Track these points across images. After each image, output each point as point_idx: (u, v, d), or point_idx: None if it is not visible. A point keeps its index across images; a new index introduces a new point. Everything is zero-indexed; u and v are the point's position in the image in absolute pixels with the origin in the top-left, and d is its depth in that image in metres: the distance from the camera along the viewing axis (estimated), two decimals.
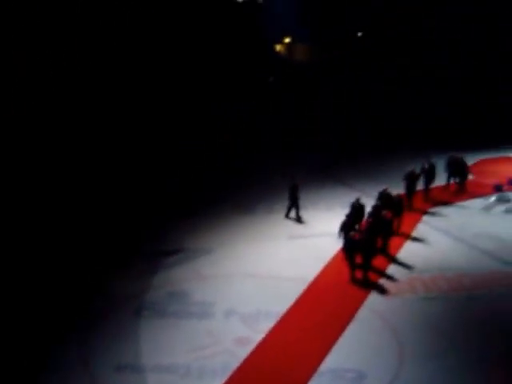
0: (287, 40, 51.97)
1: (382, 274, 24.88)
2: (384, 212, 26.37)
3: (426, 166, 32.00)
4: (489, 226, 29.67)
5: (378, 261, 25.24)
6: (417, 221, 30.02)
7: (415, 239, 28.14)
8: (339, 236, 25.02)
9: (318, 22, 48.81)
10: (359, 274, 23.99)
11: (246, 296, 23.07)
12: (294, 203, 30.07)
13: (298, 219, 29.95)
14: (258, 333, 20.70)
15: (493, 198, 32.83)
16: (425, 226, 29.45)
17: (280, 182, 33.23)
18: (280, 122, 44.45)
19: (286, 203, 30.80)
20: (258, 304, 22.38)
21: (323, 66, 51.09)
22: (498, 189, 33.64)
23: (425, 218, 30.48)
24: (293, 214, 30.10)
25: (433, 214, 30.96)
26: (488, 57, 52.25)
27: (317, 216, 30.16)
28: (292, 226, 29.36)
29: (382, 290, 23.72)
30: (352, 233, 24.50)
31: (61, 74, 42.29)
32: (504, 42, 51.50)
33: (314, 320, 21.66)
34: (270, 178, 34.87)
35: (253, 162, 37.85)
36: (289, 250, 26.84)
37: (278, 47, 52.57)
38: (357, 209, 27.10)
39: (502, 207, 31.90)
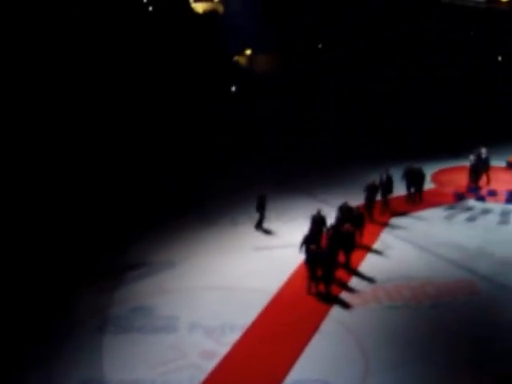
0: (248, 51, 52.07)
1: (346, 284, 24.94)
2: (345, 225, 26.36)
3: (384, 177, 31.92)
4: (451, 234, 29.91)
5: (341, 272, 25.32)
6: (379, 231, 30.08)
7: (378, 249, 28.20)
8: (301, 249, 24.94)
9: (279, 33, 48.93)
10: (322, 288, 23.91)
11: (211, 309, 22.98)
12: (262, 213, 30.01)
13: (263, 230, 29.84)
14: (224, 346, 20.67)
15: (455, 207, 33.07)
16: (388, 236, 29.53)
17: (245, 193, 33.42)
18: (246, 134, 44.33)
19: (250, 215, 30.85)
20: (223, 317, 22.33)
21: (286, 75, 51.18)
22: (459, 197, 33.88)
23: (387, 228, 30.55)
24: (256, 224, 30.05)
25: (395, 223, 31.01)
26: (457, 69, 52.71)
27: (281, 227, 30.12)
28: (256, 237, 29.27)
29: (346, 301, 23.78)
30: (313, 246, 24.36)
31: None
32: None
33: (279, 332, 21.66)
34: (235, 189, 34.68)
35: (217, 174, 37.65)
36: (253, 261, 26.74)
37: (239, 58, 52.66)
38: (317, 222, 27.06)
39: (463, 215, 32.12)
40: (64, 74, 43.02)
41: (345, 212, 28.07)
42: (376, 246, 28.60)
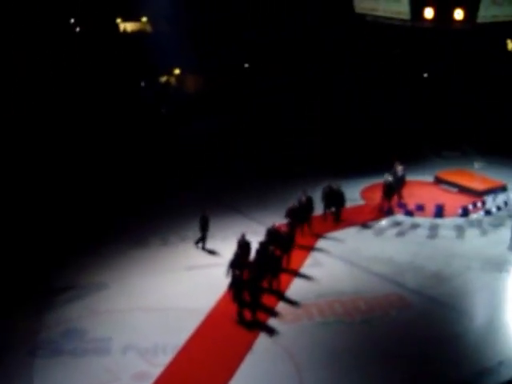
0: (177, 71, 52.10)
1: (278, 303, 25.07)
2: (271, 248, 26.03)
3: (304, 198, 31.60)
4: (381, 249, 30.32)
5: (272, 292, 25.55)
6: (310, 249, 30.25)
7: (309, 267, 28.38)
8: (227, 274, 24.78)
9: (206, 53, 49.04)
10: (248, 314, 23.65)
11: (143, 330, 22.83)
12: (204, 234, 29.92)
13: (195, 249, 29.75)
14: (157, 367, 20.59)
15: (384, 222, 33.54)
16: (318, 254, 29.73)
17: (177, 213, 33.45)
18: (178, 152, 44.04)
19: (181, 234, 31.10)
20: (156, 338, 22.23)
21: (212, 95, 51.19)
22: (388, 213, 34.37)
23: (317, 246, 30.72)
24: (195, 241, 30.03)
25: (325, 241, 31.21)
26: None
27: (214, 246, 29.99)
28: (188, 257, 29.06)
29: (279, 319, 23.94)
30: (237, 272, 24.06)
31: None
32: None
33: (212, 352, 21.64)
34: (166, 209, 34.52)
35: (147, 192, 37.40)
36: (185, 281, 26.60)
37: (168, 78, 52.65)
38: (242, 246, 26.57)
39: (392, 231, 32.59)
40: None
41: (272, 235, 27.67)
42: (307, 263, 28.76)
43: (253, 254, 26.42)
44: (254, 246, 26.60)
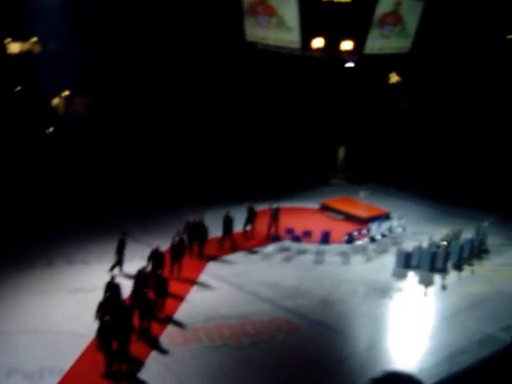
0: (66, 93, 51.29)
1: (167, 325, 24.96)
2: (144, 291, 24.57)
3: (177, 239, 29.78)
4: (268, 274, 30.73)
5: (161, 316, 25.42)
6: (198, 272, 30.35)
7: (198, 291, 28.43)
8: (96, 319, 22.75)
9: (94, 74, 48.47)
10: (116, 366, 21.67)
11: (29, 353, 22.24)
12: (120, 257, 29.32)
13: (81, 272, 29.28)
14: None
15: (271, 247, 33.91)
16: (206, 278, 29.80)
17: (63, 236, 33.02)
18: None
19: (67, 257, 30.73)
20: (42, 361, 21.68)
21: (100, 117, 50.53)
22: (275, 238, 34.78)
23: (206, 269, 30.89)
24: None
25: (214, 265, 31.42)
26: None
27: (101, 268, 29.49)
28: (74, 280, 28.50)
29: (167, 342, 23.77)
30: (107, 317, 22.28)
31: None
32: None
33: (99, 375, 21.24)
34: (53, 232, 33.89)
35: (32, 215, 36.58)
36: (70, 304, 26.02)
37: (56, 100, 51.75)
38: (112, 287, 24.57)
39: (280, 256, 32.99)
40: None
41: (143, 280, 25.64)
42: (196, 287, 28.82)
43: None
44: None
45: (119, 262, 29.42)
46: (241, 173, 46.47)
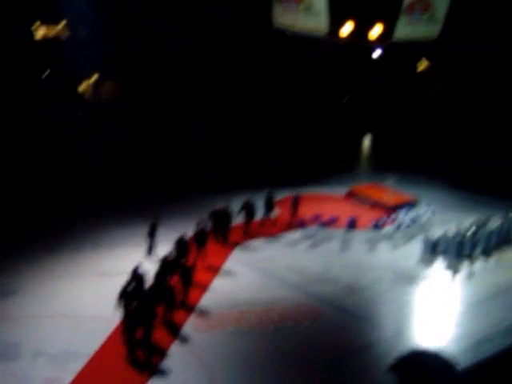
0: (93, 78, 51.53)
1: (192, 312, 24.92)
2: (167, 279, 24.62)
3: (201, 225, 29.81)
4: (294, 260, 30.60)
5: (190, 292, 25.44)
6: (224, 258, 30.34)
7: (223, 277, 28.40)
8: (118, 306, 22.61)
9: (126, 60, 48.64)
10: (140, 354, 21.63)
11: (54, 336, 22.35)
12: (152, 241, 29.37)
13: (108, 255, 29.40)
14: (68, 373, 20.20)
15: (297, 234, 33.82)
16: (232, 264, 29.81)
17: (91, 220, 33.23)
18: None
19: (94, 240, 30.82)
20: (67, 344, 21.80)
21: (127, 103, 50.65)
22: (301, 224, 34.68)
23: (231, 255, 30.83)
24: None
25: (239, 251, 31.36)
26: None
27: (127, 252, 29.67)
28: (100, 264, 28.63)
29: (193, 328, 23.79)
30: (134, 304, 21.99)
31: None
32: None
33: (124, 359, 21.32)
34: (80, 216, 34.07)
35: (60, 199, 36.77)
36: (96, 288, 26.11)
37: (84, 84, 52.01)
38: (137, 275, 23.99)
39: (306, 242, 32.91)
40: None
41: (167, 267, 25.53)
42: (221, 273, 28.78)
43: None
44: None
45: (151, 247, 29.46)
46: (268, 159, 46.35)
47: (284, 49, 49.30)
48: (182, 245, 27.75)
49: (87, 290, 26.03)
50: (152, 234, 29.51)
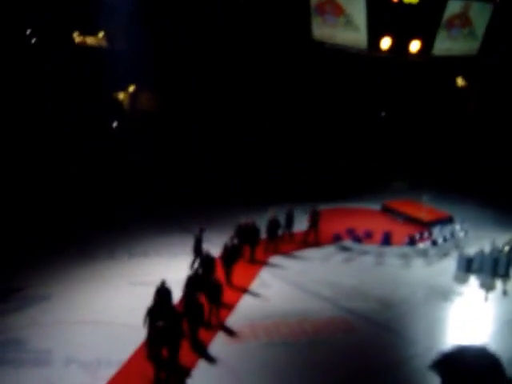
0: (131, 88, 51.81)
1: (224, 324, 24.85)
2: (196, 296, 23.42)
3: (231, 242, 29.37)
4: (328, 273, 30.51)
5: (220, 310, 25.18)
6: (257, 269, 30.35)
7: (256, 288, 28.36)
8: (144, 324, 22.07)
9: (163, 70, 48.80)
10: (163, 375, 20.86)
11: (86, 343, 22.42)
12: (197, 254, 28.89)
13: (141, 265, 29.53)
14: (100, 380, 20.23)
15: (331, 248, 33.73)
16: (265, 275, 29.81)
17: (124, 228, 33.60)
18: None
19: (128, 249, 31.09)
20: (99, 351, 21.84)
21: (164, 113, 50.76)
22: (336, 238, 34.55)
23: (265, 267, 30.83)
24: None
25: (273, 263, 31.33)
26: None
27: (159, 263, 29.81)
28: (134, 272, 28.76)
29: (225, 339, 23.75)
30: (160, 323, 21.07)
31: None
32: None
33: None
34: (114, 224, 34.36)
35: (94, 206, 37.06)
36: (129, 297, 26.17)
37: (122, 95, 52.31)
38: (162, 294, 23.30)
39: (340, 256, 32.80)
40: None
41: (196, 281, 25.25)
42: (254, 284, 28.76)
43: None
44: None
45: (195, 259, 28.95)
46: (304, 172, 46.22)
47: (321, 61, 49.10)
48: (208, 261, 27.24)
49: (120, 299, 26.11)
50: (198, 247, 29.13)
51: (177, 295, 24.42)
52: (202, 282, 25.36)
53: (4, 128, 41.33)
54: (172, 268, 28.22)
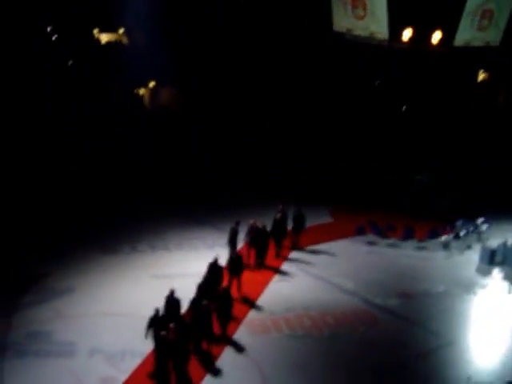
0: (152, 84, 51.88)
1: (246, 315, 24.90)
2: (205, 305, 22.11)
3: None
4: (351, 266, 30.55)
5: (239, 306, 24.93)
6: (280, 262, 30.36)
7: (279, 281, 28.42)
8: (147, 334, 21.05)
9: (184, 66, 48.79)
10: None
11: (110, 335, 22.54)
12: (233, 247, 28.59)
13: (163, 258, 29.63)
14: (123, 372, 20.33)
15: (353, 240, 33.79)
16: (288, 268, 29.82)
17: (147, 221, 33.79)
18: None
19: (150, 242, 31.37)
20: (123, 343, 21.96)
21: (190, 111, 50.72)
22: (359, 231, 34.48)
23: (287, 260, 30.85)
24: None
25: (295, 256, 31.36)
26: None
27: (181, 256, 29.94)
28: (155, 265, 28.90)
29: (247, 330, 23.77)
30: (164, 332, 20.17)
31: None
32: None
33: None
34: (137, 218, 34.57)
35: (118, 200, 37.25)
36: (152, 289, 26.03)
37: (143, 90, 52.39)
38: (170, 303, 22.48)
39: (363, 249, 32.82)
40: None
41: (205, 290, 23.66)
42: (277, 277, 28.80)
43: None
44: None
45: (233, 251, 28.39)
46: (325, 170, 45.97)
47: (342, 52, 48.77)
48: (215, 270, 25.64)
49: (142, 291, 26.15)
50: (233, 240, 28.89)
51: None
52: (211, 291, 23.88)
53: (30, 122, 41.69)
54: (193, 261, 28.36)
